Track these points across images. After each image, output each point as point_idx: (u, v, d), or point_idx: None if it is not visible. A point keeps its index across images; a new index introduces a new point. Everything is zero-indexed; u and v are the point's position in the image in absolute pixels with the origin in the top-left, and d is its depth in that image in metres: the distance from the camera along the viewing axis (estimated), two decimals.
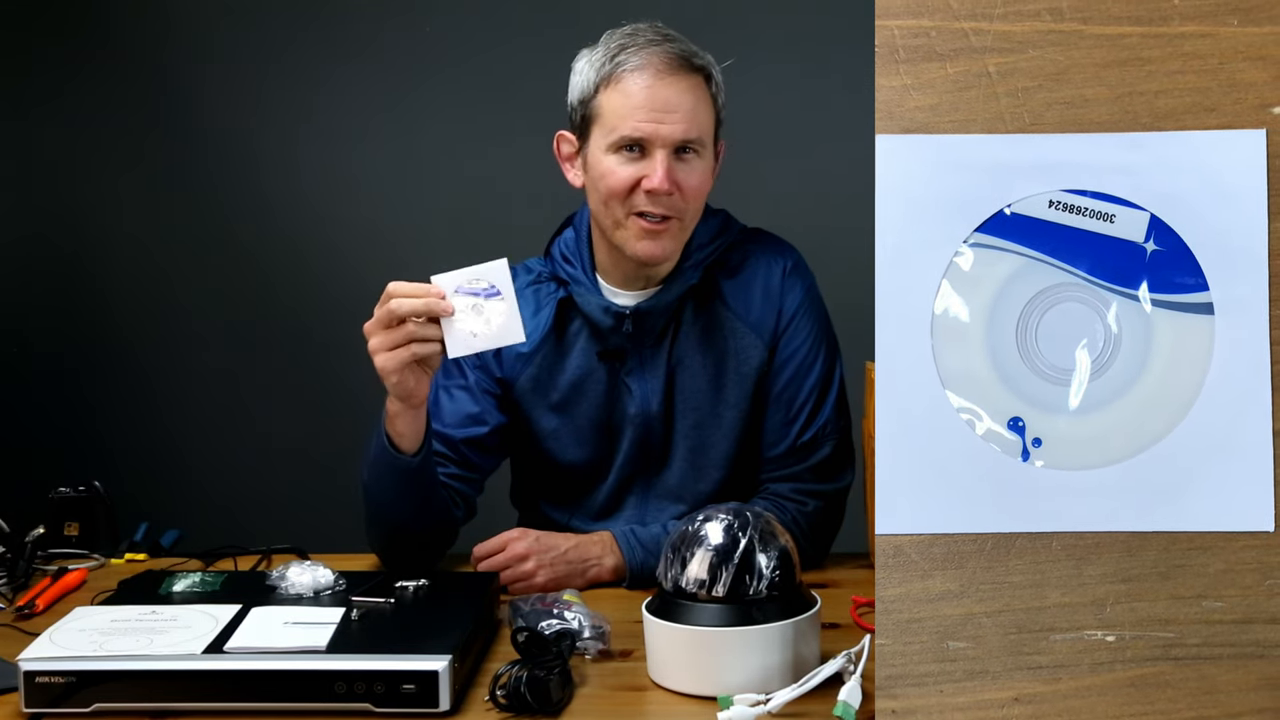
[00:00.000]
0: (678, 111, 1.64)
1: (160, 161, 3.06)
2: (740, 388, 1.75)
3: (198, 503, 2.95)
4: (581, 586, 1.65)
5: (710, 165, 1.71)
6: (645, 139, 1.64)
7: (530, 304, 1.77)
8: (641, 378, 1.76)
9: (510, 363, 1.79)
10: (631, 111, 1.64)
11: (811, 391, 1.76)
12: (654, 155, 1.64)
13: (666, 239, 1.68)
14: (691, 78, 1.66)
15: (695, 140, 1.66)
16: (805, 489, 1.75)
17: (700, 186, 1.69)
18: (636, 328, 1.74)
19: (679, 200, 1.66)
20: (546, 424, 1.80)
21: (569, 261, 1.78)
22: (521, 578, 1.64)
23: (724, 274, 1.77)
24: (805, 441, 1.75)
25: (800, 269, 1.80)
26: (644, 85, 1.64)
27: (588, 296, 1.75)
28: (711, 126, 1.70)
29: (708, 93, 1.69)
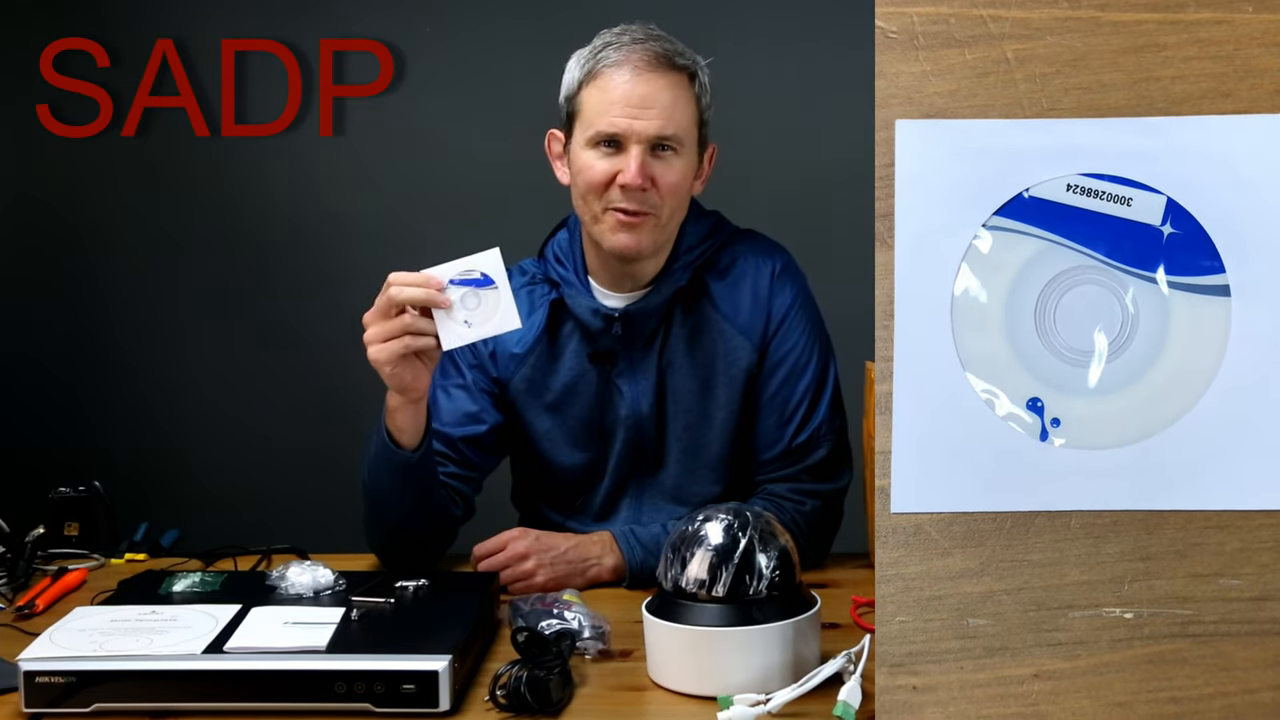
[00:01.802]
0: (654, 108, 1.64)
1: (161, 163, 3.06)
2: (730, 389, 1.75)
3: (198, 503, 2.95)
4: (581, 586, 1.65)
5: (690, 164, 1.70)
6: (621, 134, 1.65)
7: (524, 305, 1.77)
8: (632, 379, 1.76)
9: (505, 363, 1.79)
10: (608, 106, 1.65)
11: (806, 393, 1.76)
12: (629, 150, 1.65)
13: (642, 232, 1.68)
14: (671, 75, 1.66)
15: (671, 137, 1.66)
16: (803, 489, 1.75)
17: (677, 184, 1.68)
18: (626, 330, 1.74)
19: (654, 196, 1.67)
20: (541, 425, 1.80)
21: (561, 263, 1.79)
22: (521, 577, 1.64)
23: (713, 275, 1.77)
24: (801, 443, 1.75)
25: (790, 270, 1.79)
26: (621, 81, 1.65)
27: (577, 298, 1.75)
28: (692, 125, 1.69)
29: (689, 92, 1.68)
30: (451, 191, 3.04)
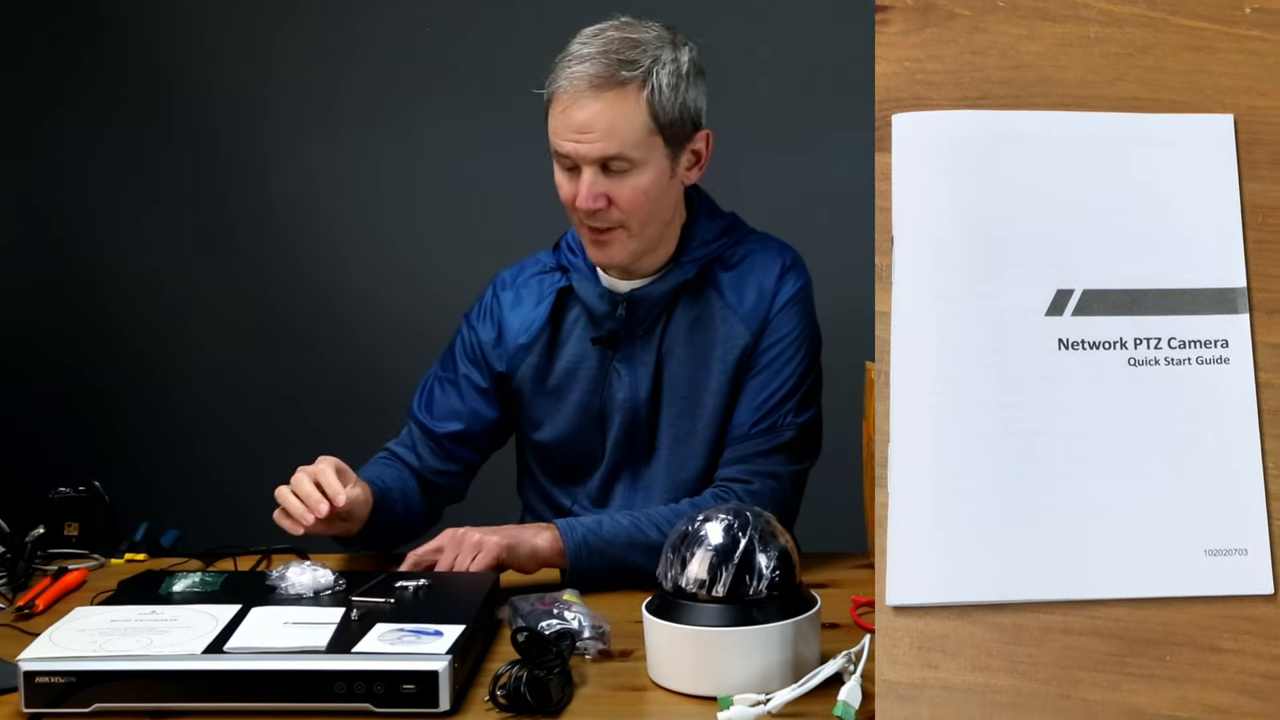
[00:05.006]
0: (593, 132, 1.66)
1: (161, 162, 3.06)
2: (723, 375, 1.76)
3: (198, 503, 2.94)
4: (527, 561, 1.65)
5: (655, 171, 1.69)
6: (571, 157, 1.68)
7: (534, 294, 1.82)
8: (631, 364, 1.78)
9: (512, 355, 1.82)
10: (557, 131, 1.69)
11: (785, 383, 1.76)
12: (583, 173, 1.68)
13: (614, 247, 1.72)
14: (611, 93, 1.66)
15: (617, 156, 1.67)
16: (755, 470, 1.74)
17: (637, 197, 1.69)
18: (630, 314, 1.76)
19: (615, 213, 1.69)
20: (542, 409, 1.83)
21: (573, 251, 1.82)
22: (475, 549, 1.62)
23: (722, 268, 1.79)
24: (765, 427, 1.76)
25: (798, 268, 1.81)
26: (564, 108, 1.68)
27: (585, 284, 1.78)
28: (646, 134, 1.67)
29: (638, 102, 1.67)
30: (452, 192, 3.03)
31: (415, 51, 3.02)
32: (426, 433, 1.84)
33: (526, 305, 1.83)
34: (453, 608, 1.42)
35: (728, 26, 2.87)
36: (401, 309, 3.00)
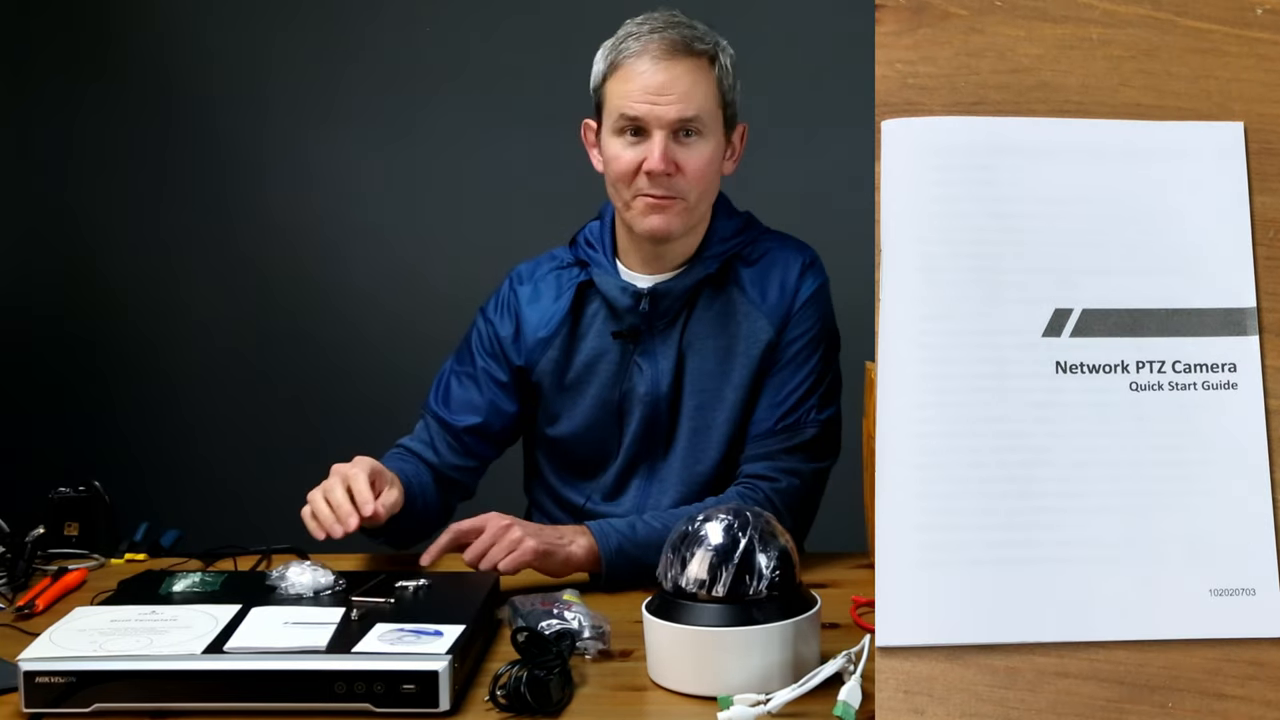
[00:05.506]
0: (673, 94, 1.68)
1: (162, 162, 3.06)
2: (745, 369, 1.78)
3: (198, 502, 2.95)
4: (560, 567, 1.64)
5: (716, 146, 1.74)
6: (642, 120, 1.69)
7: (552, 288, 1.83)
8: (653, 358, 1.78)
9: (532, 348, 1.83)
10: (629, 94, 1.69)
11: (805, 380, 1.78)
12: (653, 136, 1.69)
13: (672, 214, 1.72)
14: (689, 61, 1.70)
15: (693, 120, 1.69)
16: (781, 467, 1.75)
17: (703, 167, 1.72)
18: (652, 308, 1.77)
19: (680, 181, 1.71)
20: (560, 403, 1.83)
21: (591, 246, 1.83)
22: (512, 546, 1.62)
23: (743, 264, 1.81)
24: (788, 424, 1.77)
25: (818, 267, 1.83)
26: (641, 70, 1.69)
27: (606, 278, 1.79)
28: (715, 107, 1.73)
29: (710, 75, 1.72)
30: (453, 191, 3.03)
31: (415, 51, 3.02)
32: (445, 426, 1.83)
33: (545, 299, 1.83)
34: (453, 608, 1.42)
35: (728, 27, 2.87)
36: (401, 309, 3.00)
